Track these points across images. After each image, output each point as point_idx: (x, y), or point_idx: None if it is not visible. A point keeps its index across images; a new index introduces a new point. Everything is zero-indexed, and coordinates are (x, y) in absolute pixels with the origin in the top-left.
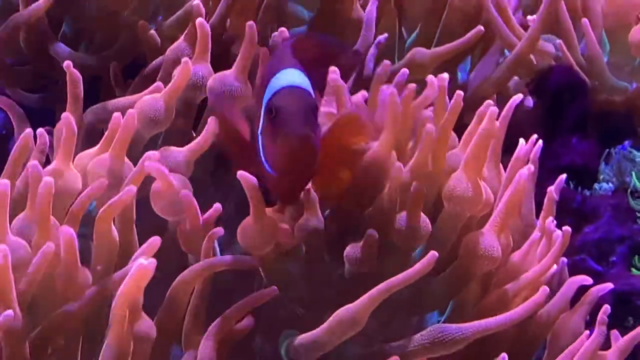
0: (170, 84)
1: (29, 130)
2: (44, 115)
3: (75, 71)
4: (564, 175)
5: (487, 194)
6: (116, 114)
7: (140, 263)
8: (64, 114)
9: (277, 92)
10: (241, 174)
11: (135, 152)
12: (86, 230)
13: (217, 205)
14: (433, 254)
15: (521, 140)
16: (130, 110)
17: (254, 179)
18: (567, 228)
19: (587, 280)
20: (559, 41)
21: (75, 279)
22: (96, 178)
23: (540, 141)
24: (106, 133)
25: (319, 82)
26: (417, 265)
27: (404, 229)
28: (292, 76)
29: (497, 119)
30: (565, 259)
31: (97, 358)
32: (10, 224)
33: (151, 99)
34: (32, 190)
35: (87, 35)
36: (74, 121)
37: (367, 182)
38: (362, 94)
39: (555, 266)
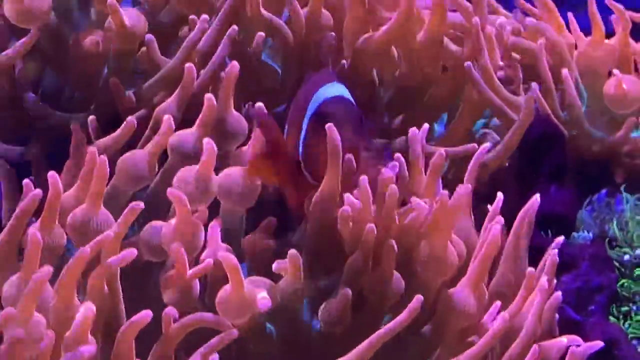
0: (153, 141)
1: (37, 191)
2: (26, 168)
3: (82, 134)
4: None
5: (454, 257)
6: (91, 149)
7: None
8: (49, 174)
9: (326, 100)
10: (223, 254)
11: (118, 207)
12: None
13: (209, 262)
14: (418, 297)
15: (499, 194)
16: (101, 157)
17: (234, 259)
18: (544, 283)
19: (577, 340)
20: (536, 93)
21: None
22: (76, 234)
23: (537, 196)
24: (82, 170)
25: None
26: (405, 311)
27: (377, 287)
28: (338, 89)
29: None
30: (557, 315)
31: None
32: None
33: (131, 156)
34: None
35: (67, 92)
36: (60, 181)
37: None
38: None
39: None
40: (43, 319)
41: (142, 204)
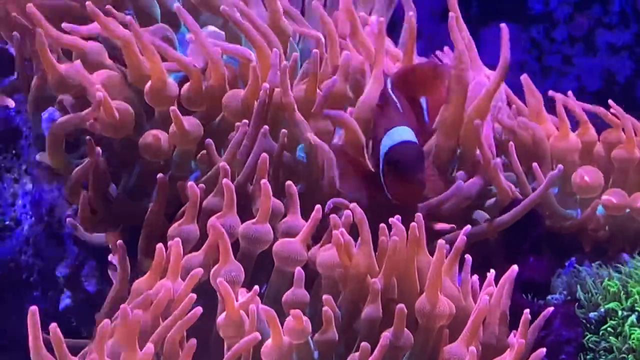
0: (180, 293)
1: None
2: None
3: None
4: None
5: (449, 308)
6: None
7: None
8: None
9: (392, 147)
10: (264, 308)
11: None
12: None
13: (255, 288)
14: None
15: (492, 271)
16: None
17: (273, 313)
18: (521, 341)
19: None
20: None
21: None
22: None
23: (515, 267)
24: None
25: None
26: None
27: (391, 343)
28: (402, 133)
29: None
30: None
31: None
32: None
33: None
34: None
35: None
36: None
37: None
38: None
39: None
40: None
41: (201, 271)
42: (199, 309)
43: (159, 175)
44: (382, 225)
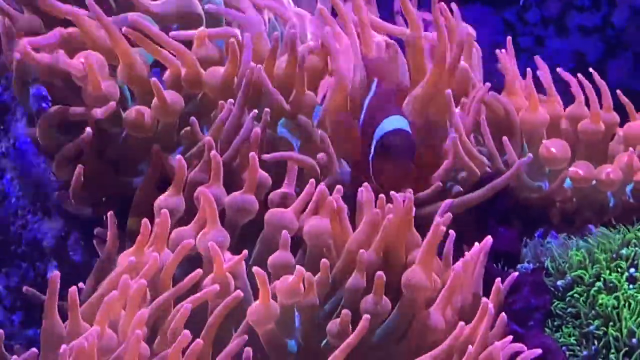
0: (169, 261)
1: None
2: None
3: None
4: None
5: (435, 282)
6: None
7: None
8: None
9: (386, 133)
10: (256, 269)
11: None
12: None
13: (244, 252)
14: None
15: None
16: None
17: (264, 274)
18: (486, 300)
19: (521, 347)
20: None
21: None
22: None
23: (489, 237)
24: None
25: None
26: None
27: (370, 309)
28: (395, 122)
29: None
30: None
31: None
32: None
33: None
34: None
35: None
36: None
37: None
38: None
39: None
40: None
41: (192, 242)
42: (215, 287)
43: (155, 146)
44: (381, 196)
